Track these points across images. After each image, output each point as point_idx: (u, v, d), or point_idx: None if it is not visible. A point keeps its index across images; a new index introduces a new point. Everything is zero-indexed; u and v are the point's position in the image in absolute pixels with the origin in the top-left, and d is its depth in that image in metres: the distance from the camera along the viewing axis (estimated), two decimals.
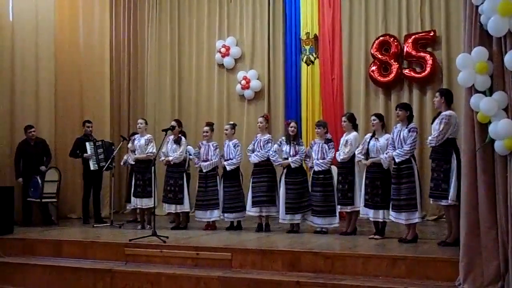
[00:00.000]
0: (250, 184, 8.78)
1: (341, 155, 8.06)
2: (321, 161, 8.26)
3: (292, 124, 8.60)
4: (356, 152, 7.92)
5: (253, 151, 8.85)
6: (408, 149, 7.11)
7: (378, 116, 7.85)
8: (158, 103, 12.70)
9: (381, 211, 7.52)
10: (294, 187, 8.38)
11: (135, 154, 9.48)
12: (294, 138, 8.52)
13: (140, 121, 9.69)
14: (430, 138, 6.94)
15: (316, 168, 8.29)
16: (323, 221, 8.27)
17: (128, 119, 12.92)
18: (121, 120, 12.92)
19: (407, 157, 7.12)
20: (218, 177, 9.06)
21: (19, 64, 10.63)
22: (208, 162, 8.98)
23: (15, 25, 10.60)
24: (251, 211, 8.73)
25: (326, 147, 8.29)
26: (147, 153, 9.27)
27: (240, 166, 9.05)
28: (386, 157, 7.42)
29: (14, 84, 10.53)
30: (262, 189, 8.63)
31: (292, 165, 8.40)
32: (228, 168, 8.87)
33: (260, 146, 8.75)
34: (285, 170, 8.51)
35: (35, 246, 8.22)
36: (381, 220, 7.58)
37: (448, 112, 6.86)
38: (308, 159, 8.51)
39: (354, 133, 8.17)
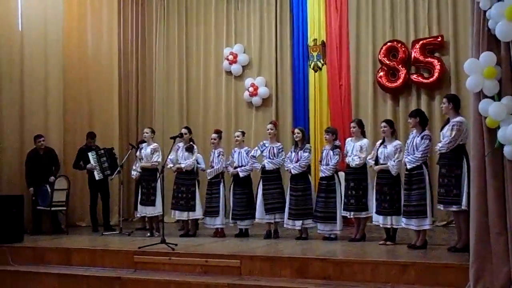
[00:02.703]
0: (260, 191, 8.77)
1: (356, 161, 8.01)
2: (325, 167, 8.27)
3: (296, 130, 8.63)
4: (367, 158, 7.94)
5: (256, 157, 8.86)
6: (419, 156, 7.12)
7: (389, 122, 7.83)
8: (166, 110, 12.73)
9: (389, 217, 7.51)
10: (295, 193, 8.42)
11: (142, 162, 9.54)
12: (300, 145, 8.53)
13: (146, 130, 9.78)
14: (440, 144, 6.89)
15: (321, 174, 8.35)
16: (324, 228, 8.28)
17: (137, 127, 12.95)
18: (129, 128, 12.95)
19: (419, 163, 7.13)
20: (222, 184, 9.07)
21: (28, 74, 10.68)
22: (210, 169, 9.03)
23: (24, 35, 10.66)
24: (264, 218, 8.71)
25: (331, 153, 8.29)
26: (152, 162, 9.32)
27: (250, 173, 9.08)
28: (393, 164, 7.44)
29: (23, 93, 10.58)
30: (275, 196, 8.67)
31: (292, 171, 8.44)
32: (241, 174, 8.89)
33: (274, 154, 8.74)
34: (289, 177, 8.57)
35: (45, 254, 8.25)
36: (388, 226, 7.56)
37: (459, 119, 6.83)
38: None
39: (366, 139, 8.20)
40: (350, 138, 8.33)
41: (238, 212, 8.92)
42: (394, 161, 7.48)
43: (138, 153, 9.78)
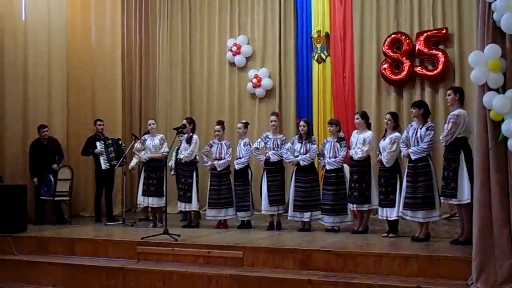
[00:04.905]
0: (265, 183, 8.75)
1: (359, 154, 8.00)
2: (332, 159, 8.25)
3: (301, 123, 8.61)
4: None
5: (258, 149, 8.86)
6: (425, 147, 7.10)
7: (394, 115, 7.81)
8: (170, 102, 12.73)
9: (384, 209, 7.56)
10: (304, 185, 8.39)
11: (142, 154, 9.52)
12: (305, 137, 8.52)
13: (151, 121, 9.77)
14: (440, 138, 6.94)
15: (328, 167, 8.29)
16: (334, 219, 8.25)
17: (140, 118, 12.97)
18: (133, 119, 12.97)
19: (424, 155, 7.11)
20: (231, 175, 9.08)
21: (32, 64, 10.70)
22: (222, 161, 8.99)
23: (28, 25, 10.67)
24: (269, 210, 8.71)
25: (338, 145, 8.28)
26: (162, 152, 9.32)
27: (250, 165, 9.07)
28: (385, 155, 7.50)
29: (26, 84, 10.61)
30: (279, 188, 8.68)
31: (301, 163, 8.40)
32: (237, 167, 8.91)
33: (277, 145, 8.75)
34: (295, 168, 8.53)
35: (48, 244, 8.27)
36: (384, 218, 7.58)
37: (456, 112, 6.82)
38: (321, 158, 8.50)
39: (371, 132, 8.19)
40: (355, 131, 8.32)
41: (237, 204, 8.94)
42: (386, 152, 7.49)
43: (139, 145, 9.74)
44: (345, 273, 6.28)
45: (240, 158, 8.96)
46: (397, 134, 7.62)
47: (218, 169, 8.99)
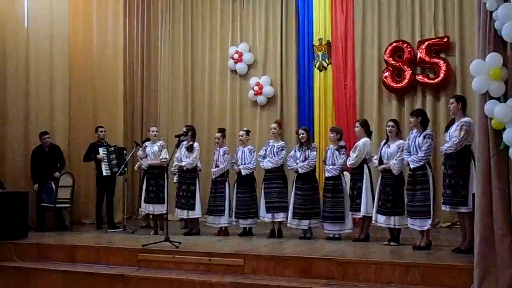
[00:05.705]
0: (262, 190, 8.79)
1: (349, 161, 8.10)
2: (331, 167, 8.29)
3: (300, 131, 8.63)
4: (373, 159, 7.93)
5: (264, 157, 8.86)
6: (422, 155, 7.09)
7: (396, 122, 7.84)
8: (171, 109, 12.74)
9: (392, 218, 7.49)
10: (303, 193, 8.40)
11: (145, 161, 9.52)
12: (306, 144, 8.53)
13: (154, 128, 9.77)
14: (448, 145, 6.80)
15: (326, 174, 8.36)
16: (332, 228, 8.28)
17: (141, 125, 12.96)
18: (134, 127, 12.96)
19: (422, 163, 7.09)
20: (227, 183, 9.08)
21: (34, 71, 10.73)
22: (216, 168, 9.02)
23: (30, 32, 10.72)
24: (265, 217, 8.73)
25: (337, 153, 8.30)
26: (161, 159, 9.32)
27: (254, 172, 9.08)
28: (395, 162, 7.44)
29: (29, 91, 10.64)
30: (274, 195, 8.65)
31: (300, 170, 8.42)
32: (243, 172, 8.89)
33: (274, 153, 8.75)
34: (295, 176, 8.54)
35: (49, 251, 8.27)
36: (392, 227, 7.55)
37: (467, 119, 6.79)
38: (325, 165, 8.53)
39: (364, 139, 8.17)
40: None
41: (240, 211, 8.92)
42: (395, 159, 7.48)
43: (140, 152, 9.73)
44: (346, 281, 6.27)
45: (246, 164, 8.95)
46: (402, 141, 7.64)
47: (213, 176, 9.04)
